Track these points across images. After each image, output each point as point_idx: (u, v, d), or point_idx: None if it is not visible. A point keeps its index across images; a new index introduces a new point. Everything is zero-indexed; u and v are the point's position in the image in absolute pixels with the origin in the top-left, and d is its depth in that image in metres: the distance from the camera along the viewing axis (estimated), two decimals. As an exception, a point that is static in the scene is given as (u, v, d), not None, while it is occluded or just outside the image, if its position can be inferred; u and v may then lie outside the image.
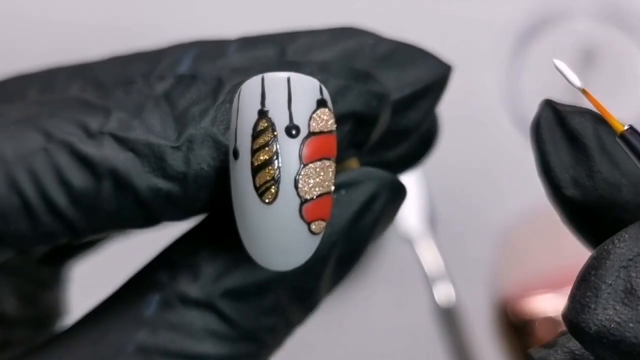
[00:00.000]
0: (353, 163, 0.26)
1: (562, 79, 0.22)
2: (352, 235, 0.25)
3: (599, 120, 0.23)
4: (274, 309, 0.25)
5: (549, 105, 0.24)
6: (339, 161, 0.24)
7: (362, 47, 0.26)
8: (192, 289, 0.25)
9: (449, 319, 0.53)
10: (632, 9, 0.55)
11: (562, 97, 0.59)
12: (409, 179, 0.26)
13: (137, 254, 0.28)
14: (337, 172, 0.24)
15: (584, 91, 0.23)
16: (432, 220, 0.55)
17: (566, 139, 0.24)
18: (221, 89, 0.24)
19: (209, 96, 0.24)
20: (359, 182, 0.25)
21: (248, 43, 0.26)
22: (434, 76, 0.26)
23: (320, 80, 0.24)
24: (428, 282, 0.54)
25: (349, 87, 0.25)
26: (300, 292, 0.25)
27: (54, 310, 0.31)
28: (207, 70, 0.26)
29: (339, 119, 0.24)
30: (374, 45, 0.26)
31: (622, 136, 0.22)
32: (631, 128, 0.22)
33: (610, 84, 0.55)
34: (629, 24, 0.55)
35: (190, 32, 0.29)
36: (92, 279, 0.37)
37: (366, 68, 0.26)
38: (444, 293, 0.54)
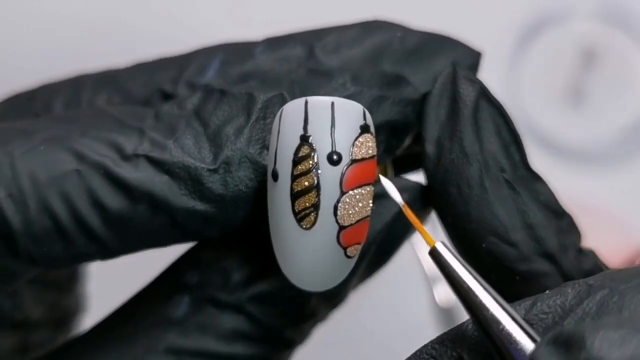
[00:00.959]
0: (385, 167, 0.26)
1: (562, 80, 0.22)
2: (383, 243, 0.26)
3: (486, 96, 0.24)
4: (302, 311, 0.25)
5: (452, 66, 0.24)
6: None
7: (390, 41, 0.26)
8: (222, 293, 0.25)
9: (449, 319, 0.53)
10: (632, 9, 0.55)
11: (563, 97, 0.59)
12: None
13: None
14: None
15: (404, 207, 0.23)
16: (432, 220, 0.55)
17: (450, 98, 0.24)
18: (253, 106, 0.24)
19: (241, 113, 0.24)
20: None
21: (274, 43, 0.26)
22: (464, 65, 0.26)
23: (354, 93, 0.24)
24: (428, 282, 0.54)
25: (383, 97, 0.24)
26: (329, 295, 0.25)
27: (73, 310, 0.31)
28: (236, 73, 0.26)
29: (375, 130, 0.24)
30: (403, 38, 0.26)
31: (431, 252, 0.22)
32: (442, 244, 0.22)
33: (610, 84, 0.55)
34: (629, 24, 0.55)
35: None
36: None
37: (396, 66, 0.25)
38: (444, 293, 0.54)
